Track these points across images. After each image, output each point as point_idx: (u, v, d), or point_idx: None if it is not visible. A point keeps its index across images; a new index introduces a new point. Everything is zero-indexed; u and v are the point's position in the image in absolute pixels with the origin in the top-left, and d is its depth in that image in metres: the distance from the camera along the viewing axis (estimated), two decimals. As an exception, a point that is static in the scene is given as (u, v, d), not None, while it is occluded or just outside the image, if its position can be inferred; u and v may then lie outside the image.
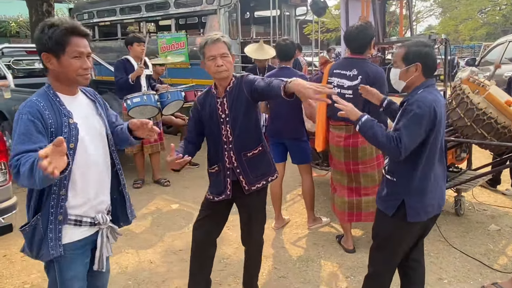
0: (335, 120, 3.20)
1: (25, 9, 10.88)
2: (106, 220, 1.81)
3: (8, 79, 5.67)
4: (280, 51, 3.68)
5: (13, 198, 3.01)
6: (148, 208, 4.40)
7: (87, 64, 1.66)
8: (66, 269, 1.72)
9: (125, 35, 7.53)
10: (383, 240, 2.24)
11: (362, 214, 3.28)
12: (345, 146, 3.16)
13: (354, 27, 3.11)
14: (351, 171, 3.22)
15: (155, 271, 3.15)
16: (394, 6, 13.22)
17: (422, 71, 2.09)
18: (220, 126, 2.32)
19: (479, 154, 5.28)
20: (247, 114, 2.32)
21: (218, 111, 2.32)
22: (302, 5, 8.57)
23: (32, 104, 1.61)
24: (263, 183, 2.44)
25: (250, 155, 2.37)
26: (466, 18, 20.24)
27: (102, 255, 1.81)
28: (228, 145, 2.34)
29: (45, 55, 1.64)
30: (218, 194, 2.42)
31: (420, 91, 2.08)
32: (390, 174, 2.17)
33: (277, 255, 3.37)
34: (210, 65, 2.24)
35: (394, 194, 2.13)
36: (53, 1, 9.86)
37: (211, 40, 2.22)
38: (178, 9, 7.72)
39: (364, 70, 3.04)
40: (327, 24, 18.09)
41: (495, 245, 3.44)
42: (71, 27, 1.62)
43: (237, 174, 2.37)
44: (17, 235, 3.54)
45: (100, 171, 1.79)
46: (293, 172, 4.76)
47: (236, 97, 2.30)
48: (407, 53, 2.11)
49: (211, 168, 2.45)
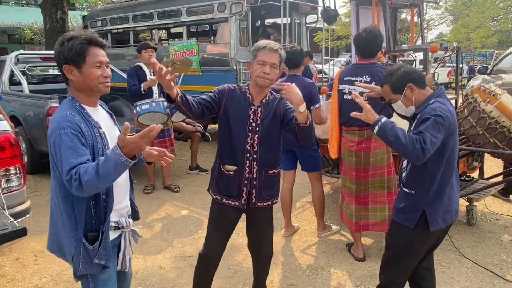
0: (348, 126, 3.21)
1: (39, 16, 11.12)
2: (129, 223, 1.87)
3: (23, 85, 5.77)
4: (287, 59, 3.66)
5: (27, 202, 3.05)
6: (158, 213, 4.43)
7: (107, 72, 1.72)
8: (100, 273, 1.76)
9: (138, 42, 7.63)
10: (400, 252, 2.22)
11: (370, 223, 3.26)
12: (357, 151, 3.15)
13: (363, 31, 3.12)
14: (360, 178, 3.20)
15: (164, 276, 3.17)
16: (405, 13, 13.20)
17: (418, 87, 2.12)
18: (247, 133, 2.29)
19: (491, 163, 5.22)
20: (276, 132, 2.35)
21: (249, 118, 2.29)
22: (313, 13, 8.59)
23: (69, 119, 1.63)
24: (269, 203, 2.45)
25: (270, 173, 2.38)
26: (478, 26, 20.10)
27: (125, 256, 1.87)
28: (252, 155, 2.31)
29: (67, 67, 1.69)
30: (229, 196, 2.38)
31: (432, 101, 2.09)
32: (408, 187, 2.17)
33: (287, 262, 3.36)
34: (257, 68, 2.24)
35: (414, 206, 2.13)
36: (67, 9, 10.08)
37: (270, 48, 2.23)
38: (190, 17, 7.80)
39: (376, 75, 3.03)
40: (337, 32, 18.12)
41: (508, 256, 3.39)
42: (89, 38, 1.68)
43: (252, 186, 2.35)
44: (30, 238, 3.60)
45: (124, 178, 1.84)
46: (302, 179, 4.76)
47: (271, 112, 2.31)
48: (392, 85, 2.16)
49: (227, 168, 2.34)
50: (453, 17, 22.23)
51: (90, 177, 1.49)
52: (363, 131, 3.12)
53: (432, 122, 1.97)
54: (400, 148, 2.01)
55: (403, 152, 2.02)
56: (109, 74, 1.74)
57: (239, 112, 2.31)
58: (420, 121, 2.05)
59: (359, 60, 3.21)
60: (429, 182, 2.09)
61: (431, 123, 1.97)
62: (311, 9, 8.44)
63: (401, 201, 2.20)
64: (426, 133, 1.95)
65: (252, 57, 2.31)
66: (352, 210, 3.28)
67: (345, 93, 3.18)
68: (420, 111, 2.10)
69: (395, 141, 2.00)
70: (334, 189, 5.02)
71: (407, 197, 2.17)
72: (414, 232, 2.13)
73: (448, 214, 2.13)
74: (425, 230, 2.11)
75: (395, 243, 2.26)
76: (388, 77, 2.19)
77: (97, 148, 1.67)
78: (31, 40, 19.20)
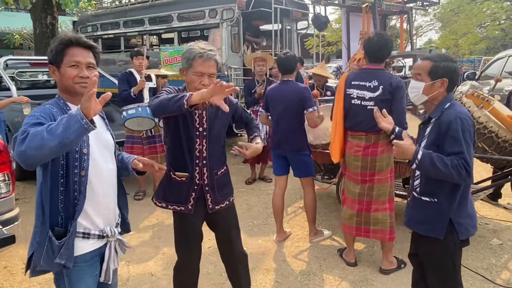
0: (354, 130, 3.17)
1: (29, 22, 11.02)
2: (115, 233, 1.81)
3: (12, 91, 5.71)
4: (281, 65, 3.70)
5: (15, 210, 3.01)
6: (149, 220, 4.40)
7: (84, 73, 1.69)
8: (76, 282, 1.72)
9: (128, 48, 7.62)
10: (442, 270, 2.06)
11: (371, 230, 3.20)
12: (364, 156, 3.11)
13: (375, 36, 3.11)
14: (366, 182, 3.16)
15: (156, 284, 3.14)
16: (394, 20, 13.37)
17: (446, 87, 2.02)
18: (194, 139, 2.22)
19: (480, 168, 5.27)
20: (222, 132, 2.32)
21: (195, 123, 2.21)
22: (303, 19, 8.66)
23: (44, 109, 1.65)
24: (226, 203, 2.40)
25: (219, 174, 2.36)
26: (466, 32, 20.38)
27: (109, 267, 1.81)
28: (201, 161, 2.25)
29: (50, 67, 1.74)
30: (177, 203, 2.30)
31: (447, 105, 2.01)
32: (428, 195, 2.05)
33: (279, 268, 3.35)
34: (194, 80, 2.15)
35: (439, 215, 2.01)
36: (57, 14, 10.01)
37: (207, 56, 2.12)
38: (181, 23, 7.81)
39: (385, 81, 3.01)
40: (328, 38, 18.25)
41: (497, 260, 3.42)
42: (67, 39, 1.69)
43: (204, 192, 2.30)
44: (18, 246, 3.54)
45: (109, 182, 1.81)
46: (293, 185, 4.77)
47: (216, 113, 2.25)
48: (435, 67, 2.01)
49: (179, 175, 2.28)
50: (442, 23, 22.52)
51: (39, 130, 1.41)
52: (370, 136, 3.08)
53: (464, 136, 1.89)
54: (445, 178, 1.92)
55: (447, 179, 1.92)
56: (87, 75, 1.69)
57: (184, 119, 2.20)
58: (443, 133, 1.93)
59: (367, 65, 3.16)
60: (453, 189, 1.98)
61: (464, 136, 1.88)
62: (302, 15, 8.52)
63: (421, 212, 2.06)
64: (465, 155, 1.87)
65: (185, 63, 2.17)
66: (352, 214, 3.23)
67: (353, 97, 3.12)
68: (436, 117, 2.01)
69: (438, 174, 1.90)
70: (325, 194, 5.03)
71: (429, 206, 2.04)
72: (445, 242, 2.01)
73: (474, 219, 2.05)
74: (455, 239, 2.01)
75: (433, 261, 2.09)
76: (437, 58, 2.04)
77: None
78: (20, 46, 19.01)
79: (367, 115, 3.02)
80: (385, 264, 3.25)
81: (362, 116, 3.07)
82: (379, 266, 3.28)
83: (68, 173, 1.64)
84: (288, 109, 3.54)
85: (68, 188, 1.65)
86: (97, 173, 1.73)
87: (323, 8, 5.34)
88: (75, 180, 1.66)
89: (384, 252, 3.26)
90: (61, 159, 1.63)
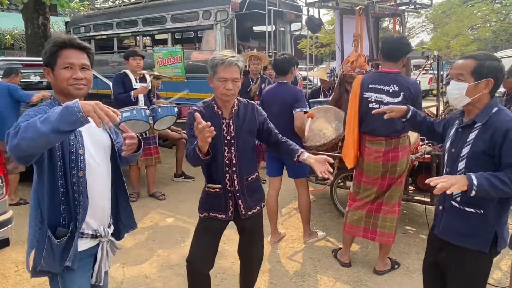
0: (373, 135, 3.07)
1: (20, 22, 10.92)
2: (108, 233, 1.82)
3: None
4: (276, 66, 3.79)
5: (9, 212, 2.99)
6: (144, 222, 4.39)
7: (78, 74, 1.69)
8: (70, 282, 1.72)
9: (122, 49, 7.58)
10: (474, 283, 1.94)
11: (378, 233, 3.18)
12: (385, 161, 3.04)
13: (393, 35, 3.09)
14: (384, 187, 3.11)
15: (150, 286, 3.13)
16: (387, 22, 13.47)
17: (491, 88, 1.85)
18: (223, 148, 2.29)
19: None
20: (251, 140, 2.37)
21: (223, 132, 2.29)
22: (297, 21, 8.70)
23: (39, 109, 1.66)
24: (258, 208, 2.46)
25: (250, 180, 2.40)
26: (457, 34, 20.60)
27: (101, 269, 1.81)
28: (231, 168, 2.31)
29: (45, 69, 1.74)
30: (218, 211, 2.38)
31: (495, 110, 1.86)
32: (474, 206, 1.88)
33: (274, 269, 3.36)
34: (219, 86, 2.21)
35: (485, 228, 1.87)
36: (49, 14, 9.93)
37: (228, 62, 2.18)
38: (175, 24, 7.80)
39: (405, 86, 2.95)
40: (321, 39, 18.32)
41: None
42: (61, 41, 1.69)
43: (236, 198, 2.36)
44: (12, 249, 3.52)
45: (104, 183, 1.82)
46: (288, 186, 4.78)
47: (243, 121, 2.32)
48: (479, 66, 1.84)
49: (211, 187, 2.37)
50: (434, 25, 22.72)
51: (31, 121, 1.40)
52: (390, 141, 3.01)
53: None
54: (504, 195, 1.78)
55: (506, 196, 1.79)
56: (82, 76, 1.69)
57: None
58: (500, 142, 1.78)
59: (383, 66, 3.10)
60: (502, 201, 1.85)
61: None
62: (295, 17, 8.55)
63: (464, 223, 1.90)
64: None
65: (210, 72, 2.25)
66: (362, 214, 3.21)
67: (371, 101, 3.03)
68: (483, 123, 1.85)
69: (500, 193, 1.75)
70: (319, 195, 5.05)
71: (474, 218, 1.88)
72: (488, 256, 1.90)
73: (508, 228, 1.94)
74: (495, 251, 1.91)
75: (476, 275, 1.94)
76: (482, 57, 1.86)
77: (67, 144, 1.65)
78: (11, 46, 18.85)
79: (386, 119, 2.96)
80: (380, 265, 3.28)
81: (381, 120, 2.93)
82: (373, 267, 3.30)
83: (66, 174, 1.65)
84: (282, 110, 3.56)
85: (68, 189, 1.66)
86: (92, 174, 1.74)
87: (317, 10, 5.37)
88: (74, 181, 1.67)
89: (381, 254, 3.28)
90: (58, 160, 1.64)
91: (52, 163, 1.63)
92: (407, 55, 3.04)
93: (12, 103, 4.91)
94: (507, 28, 20.58)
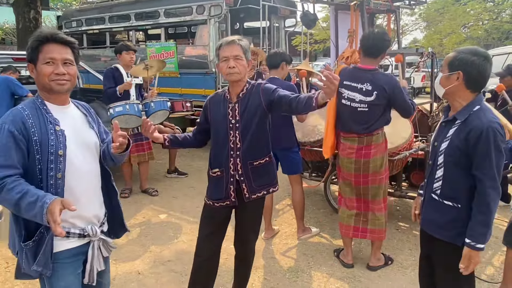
0: (346, 132, 3.12)
1: (11, 16, 10.79)
2: (97, 232, 1.77)
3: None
4: (267, 59, 3.89)
5: (-2, 207, 2.93)
6: (136, 218, 4.35)
7: (60, 70, 1.65)
8: (56, 280, 1.69)
9: (114, 44, 7.50)
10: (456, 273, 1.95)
11: (368, 230, 3.19)
12: (357, 158, 3.07)
13: (372, 31, 3.11)
14: (360, 183, 3.14)
15: (143, 282, 3.10)
16: (381, 19, 13.49)
17: (463, 82, 1.87)
18: (228, 132, 2.29)
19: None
20: (259, 123, 2.30)
21: (228, 116, 2.29)
22: (291, 17, 8.67)
23: (15, 113, 1.63)
24: (263, 192, 2.43)
25: (256, 164, 2.36)
26: (450, 32, 20.72)
27: (92, 268, 1.76)
28: (235, 152, 2.31)
29: (28, 65, 1.70)
30: (219, 199, 2.39)
31: (476, 108, 1.87)
32: (451, 200, 1.93)
33: (267, 265, 3.35)
34: (222, 66, 2.23)
35: (461, 221, 1.91)
36: (41, 9, 9.82)
37: (226, 41, 2.22)
38: (168, 19, 7.72)
39: (379, 86, 2.93)
40: (315, 36, 18.33)
41: (481, 255, 3.46)
42: (43, 36, 1.65)
43: (240, 182, 2.35)
44: (1, 245, 3.46)
45: (90, 182, 1.77)
46: (282, 182, 4.75)
47: (249, 104, 2.28)
48: (453, 59, 1.91)
49: (212, 171, 2.40)
50: (427, 23, 22.83)
51: (8, 200, 1.50)
52: (362, 138, 3.04)
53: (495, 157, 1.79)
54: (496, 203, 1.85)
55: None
56: (64, 71, 1.65)
57: (219, 114, 2.33)
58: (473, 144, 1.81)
59: (361, 62, 3.09)
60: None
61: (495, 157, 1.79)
62: (290, 13, 8.52)
63: (442, 216, 1.96)
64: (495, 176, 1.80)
65: (217, 59, 2.32)
66: (351, 213, 3.21)
67: (343, 97, 3.06)
68: (462, 120, 1.88)
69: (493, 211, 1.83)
70: (313, 191, 5.04)
71: (451, 211, 1.93)
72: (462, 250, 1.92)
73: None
74: None
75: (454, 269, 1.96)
76: (462, 51, 1.91)
77: (46, 145, 1.61)
78: (2, 40, 18.64)
79: (358, 117, 3.00)
80: (373, 261, 3.27)
81: (353, 118, 3.04)
82: (367, 263, 3.30)
83: (44, 177, 1.61)
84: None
85: (46, 191, 1.60)
86: (75, 174, 1.69)
87: (312, 5, 5.34)
88: (51, 183, 1.62)
89: (373, 249, 3.28)
90: (37, 163, 1.60)
91: (31, 166, 1.61)
92: (386, 52, 3.06)
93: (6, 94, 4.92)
94: (499, 26, 20.75)
